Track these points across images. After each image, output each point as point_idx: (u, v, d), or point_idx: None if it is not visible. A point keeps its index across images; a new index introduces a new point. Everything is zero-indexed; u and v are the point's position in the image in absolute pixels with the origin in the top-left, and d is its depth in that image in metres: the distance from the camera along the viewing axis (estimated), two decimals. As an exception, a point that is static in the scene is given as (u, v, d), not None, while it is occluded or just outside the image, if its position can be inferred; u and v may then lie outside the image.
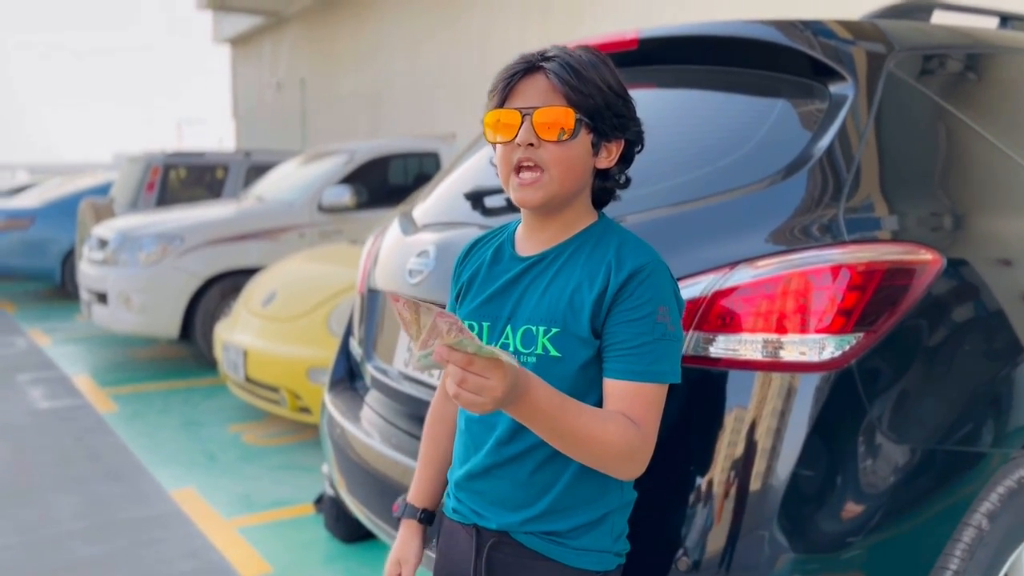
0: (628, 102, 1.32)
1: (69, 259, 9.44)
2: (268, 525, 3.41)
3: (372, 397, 2.43)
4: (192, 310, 5.94)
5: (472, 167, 2.33)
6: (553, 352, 1.27)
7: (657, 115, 1.99)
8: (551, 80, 1.25)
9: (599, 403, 1.28)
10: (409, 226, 2.38)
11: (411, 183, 6.98)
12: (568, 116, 1.24)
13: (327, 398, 2.59)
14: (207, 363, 6.08)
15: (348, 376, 2.66)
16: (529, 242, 1.37)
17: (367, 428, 2.28)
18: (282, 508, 3.59)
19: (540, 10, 10.51)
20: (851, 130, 1.71)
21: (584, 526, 1.32)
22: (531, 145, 1.24)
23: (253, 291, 4.86)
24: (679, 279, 1.59)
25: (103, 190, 9.81)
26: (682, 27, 1.98)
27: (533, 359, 1.29)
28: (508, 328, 1.32)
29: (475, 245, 1.46)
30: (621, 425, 1.22)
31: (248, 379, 4.39)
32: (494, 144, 1.30)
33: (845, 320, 1.50)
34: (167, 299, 5.88)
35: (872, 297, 1.52)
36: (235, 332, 4.60)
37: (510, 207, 2.02)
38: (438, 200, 2.37)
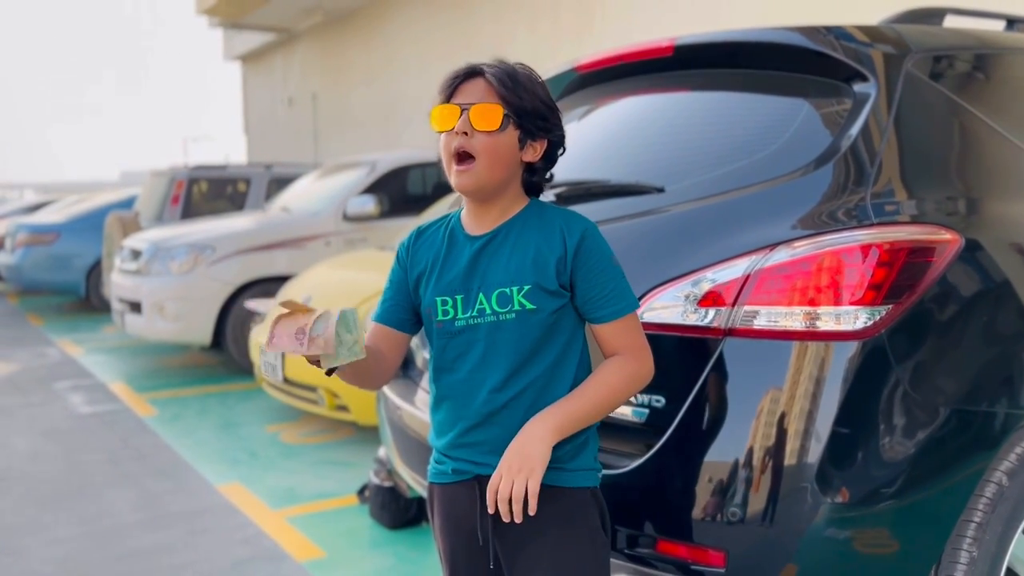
0: (554, 112, 1.56)
1: (94, 272, 9.66)
2: (315, 515, 3.58)
3: (426, 381, 2.60)
4: (223, 317, 6.13)
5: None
6: (529, 306, 1.51)
7: (695, 114, 2.18)
8: (488, 82, 1.49)
9: (570, 341, 1.55)
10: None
11: (430, 192, 7.18)
12: (498, 111, 1.47)
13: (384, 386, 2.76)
14: (238, 368, 6.27)
15: (402, 365, 2.83)
16: (477, 224, 1.58)
17: (421, 407, 2.45)
18: (326, 499, 3.76)
19: (550, 20, 10.72)
20: (873, 124, 1.89)
21: (575, 447, 1.55)
22: (465, 134, 1.47)
23: (287, 297, 5.05)
24: (724, 260, 1.76)
25: (127, 204, 10.03)
26: (715, 34, 2.16)
27: (512, 315, 1.51)
28: (481, 295, 1.53)
29: (422, 232, 1.66)
30: (619, 370, 1.52)
31: (286, 380, 4.56)
32: (439, 133, 1.52)
33: (875, 293, 1.66)
34: (200, 307, 6.07)
35: (899, 273, 1.69)
36: (272, 335, 4.77)
37: (558, 201, 2.20)
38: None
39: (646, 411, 1.82)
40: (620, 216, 2.00)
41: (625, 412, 1.86)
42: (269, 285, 6.18)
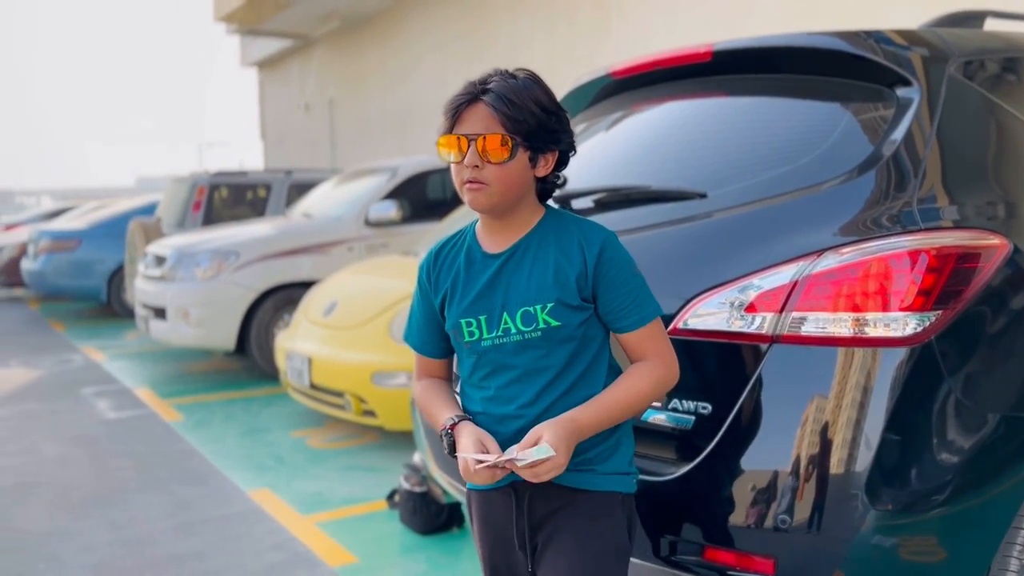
0: (560, 116, 1.53)
1: (115, 278, 9.73)
2: (344, 520, 3.59)
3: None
4: (247, 323, 6.16)
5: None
6: (553, 323, 1.51)
7: (735, 119, 2.17)
8: (490, 110, 1.46)
9: (598, 350, 1.56)
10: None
11: (450, 198, 7.19)
12: (506, 142, 1.46)
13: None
14: (261, 373, 6.30)
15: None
16: (494, 241, 1.57)
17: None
18: (355, 505, 3.76)
19: (566, 23, 10.73)
20: (917, 129, 1.88)
21: (607, 449, 1.56)
22: (476, 167, 1.46)
23: (312, 302, 5.07)
24: (771, 266, 1.76)
25: (148, 211, 10.09)
26: (754, 39, 2.15)
27: (538, 334, 1.52)
28: (505, 315, 1.53)
29: (439, 253, 1.64)
30: (646, 375, 1.53)
31: (313, 385, 4.58)
32: (447, 162, 1.52)
33: (925, 299, 1.65)
34: (224, 312, 6.10)
35: (948, 278, 1.68)
36: (298, 341, 4.80)
37: (598, 207, 2.20)
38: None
39: (692, 418, 1.82)
40: (661, 222, 2.00)
41: (671, 419, 1.85)
42: (293, 291, 6.21)
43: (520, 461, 1.39)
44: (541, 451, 1.39)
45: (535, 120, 1.47)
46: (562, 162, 1.58)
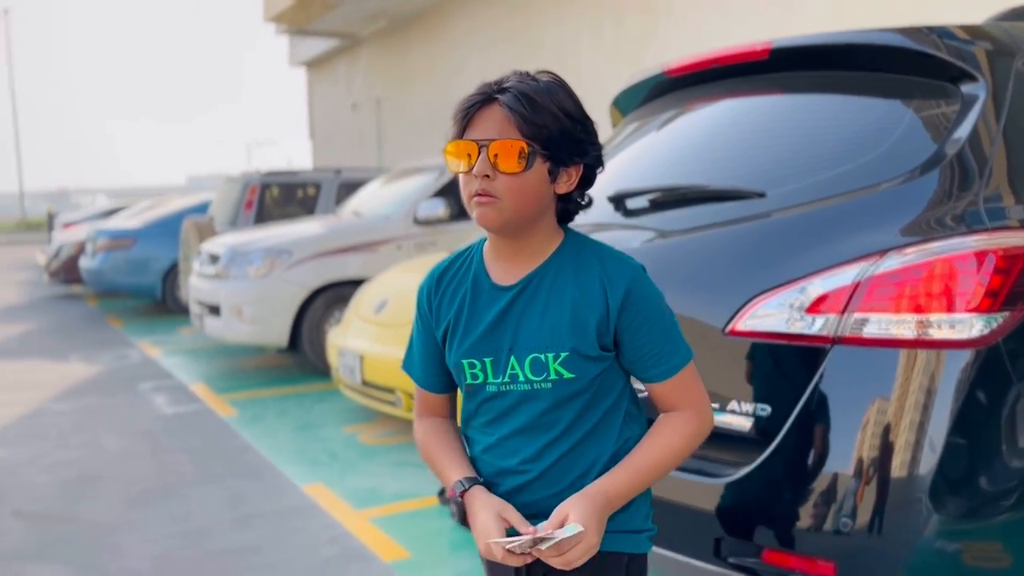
0: (587, 126, 1.33)
1: (169, 276, 9.95)
2: (397, 516, 3.63)
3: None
4: (299, 320, 6.25)
5: (607, 171, 2.51)
6: (567, 375, 1.32)
7: (794, 117, 2.16)
8: (505, 112, 1.26)
9: (618, 400, 1.37)
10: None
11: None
12: (521, 149, 1.26)
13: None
14: (313, 370, 6.39)
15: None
16: (504, 269, 1.37)
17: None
18: (407, 500, 3.80)
19: (613, 20, 10.68)
20: (983, 126, 1.84)
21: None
22: (487, 176, 1.27)
23: (363, 300, 5.13)
24: (832, 267, 1.74)
25: (201, 209, 10.29)
26: (812, 36, 2.13)
27: (548, 385, 1.32)
28: (512, 359, 1.33)
29: (443, 276, 1.43)
30: (680, 430, 1.34)
31: (364, 382, 4.64)
32: (455, 173, 1.33)
33: (992, 300, 1.62)
34: (276, 310, 6.21)
35: (1016, 279, 1.64)
36: (350, 338, 4.86)
37: (653, 207, 2.20)
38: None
39: (751, 420, 1.81)
40: (718, 222, 1.99)
41: (729, 421, 1.85)
42: (343, 288, 6.29)
43: (546, 543, 1.22)
44: (569, 530, 1.22)
45: (557, 126, 1.28)
46: (587, 179, 1.36)
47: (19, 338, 8.72)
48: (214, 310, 6.48)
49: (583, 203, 1.39)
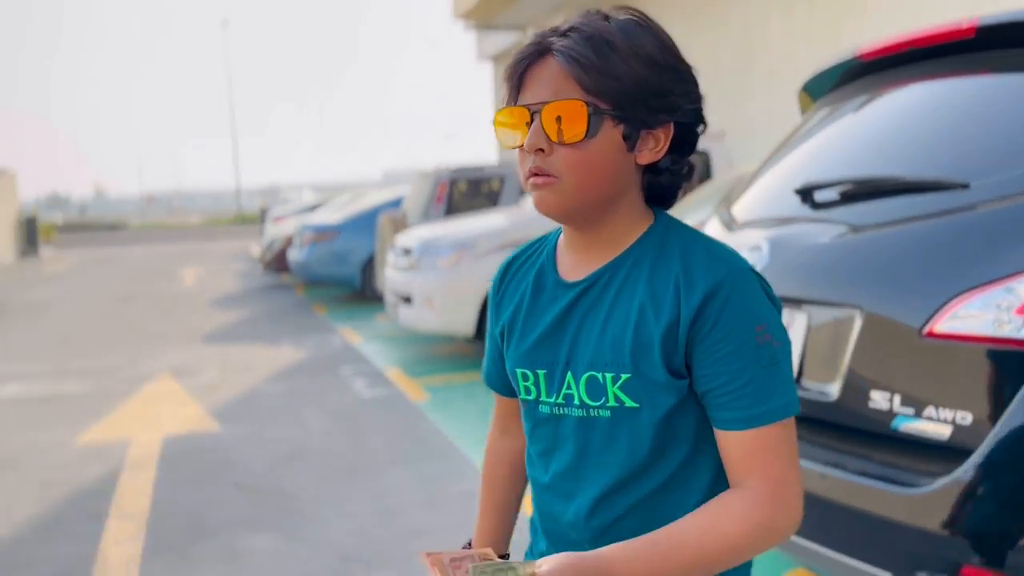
0: (679, 73, 1.03)
1: (367, 267, 10.57)
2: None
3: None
4: (484, 310, 6.46)
5: (794, 160, 2.42)
6: (629, 403, 1.04)
7: (1002, 101, 1.99)
8: (561, 64, 1.00)
9: (696, 447, 1.06)
10: (730, 223, 2.51)
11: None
12: (580, 111, 0.99)
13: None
14: (498, 359, 6.58)
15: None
16: (574, 262, 1.11)
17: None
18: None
19: (806, 3, 10.17)
20: None
21: None
22: (541, 150, 1.02)
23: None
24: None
25: (395, 204, 10.85)
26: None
27: (607, 412, 1.05)
28: (569, 375, 1.08)
29: (510, 266, 1.21)
30: (739, 513, 0.97)
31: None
32: (506, 148, 1.08)
33: None
34: (463, 300, 6.45)
35: None
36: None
37: (844, 199, 2.10)
38: (759, 195, 2.48)
39: (950, 427, 1.70)
40: (916, 216, 1.87)
41: (925, 428, 1.74)
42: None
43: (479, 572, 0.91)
44: (513, 567, 0.91)
45: (632, 77, 0.99)
46: (683, 143, 1.06)
47: (238, 324, 9.58)
48: (407, 300, 6.83)
49: (681, 173, 1.08)
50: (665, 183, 1.07)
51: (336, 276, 10.98)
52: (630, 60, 0.99)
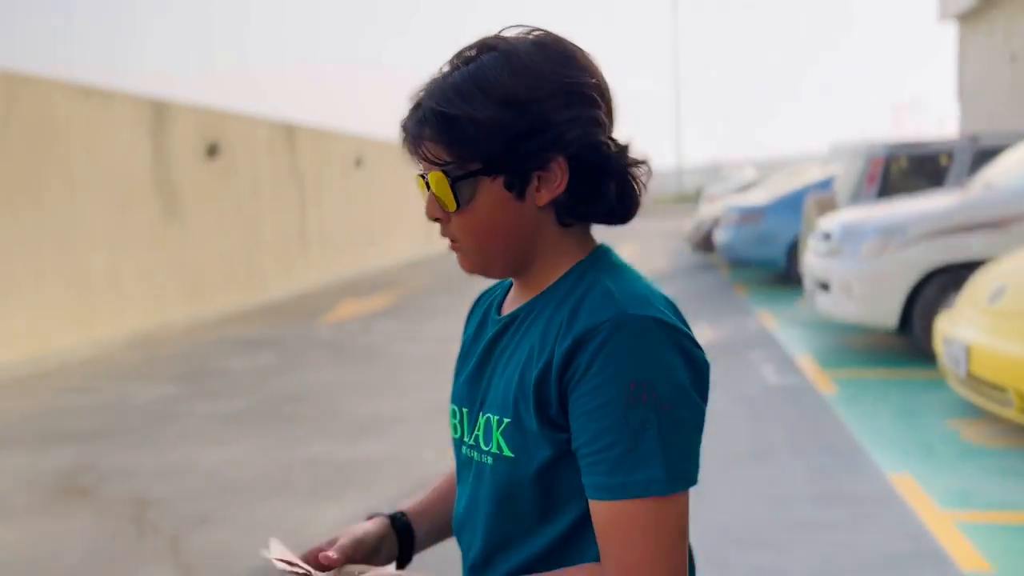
0: (564, 99, 0.91)
1: (793, 250, 10.32)
2: (988, 525, 3.35)
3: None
4: (911, 302, 5.99)
5: None
6: (507, 451, 0.94)
7: None
8: (426, 127, 0.93)
9: (582, 521, 0.92)
10: None
11: None
12: (442, 182, 0.93)
13: None
14: (924, 356, 6.07)
15: None
16: (512, 298, 1.05)
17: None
18: (1004, 510, 3.47)
19: None
20: None
21: None
22: (438, 220, 0.97)
23: (979, 285, 4.71)
24: None
25: (825, 184, 10.41)
26: None
27: (490, 459, 0.97)
28: (480, 416, 1.00)
29: (480, 298, 1.16)
30: None
31: (970, 375, 4.29)
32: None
33: None
34: (887, 290, 6.05)
35: None
36: (958, 327, 4.53)
37: None
38: None
39: None
40: None
41: None
42: (963, 271, 5.81)
43: None
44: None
45: (493, 125, 0.90)
46: (591, 165, 0.94)
47: (661, 301, 10.04)
48: (824, 287, 6.60)
49: (603, 195, 0.95)
50: (585, 212, 0.96)
51: (760, 258, 10.92)
52: (487, 107, 0.90)
